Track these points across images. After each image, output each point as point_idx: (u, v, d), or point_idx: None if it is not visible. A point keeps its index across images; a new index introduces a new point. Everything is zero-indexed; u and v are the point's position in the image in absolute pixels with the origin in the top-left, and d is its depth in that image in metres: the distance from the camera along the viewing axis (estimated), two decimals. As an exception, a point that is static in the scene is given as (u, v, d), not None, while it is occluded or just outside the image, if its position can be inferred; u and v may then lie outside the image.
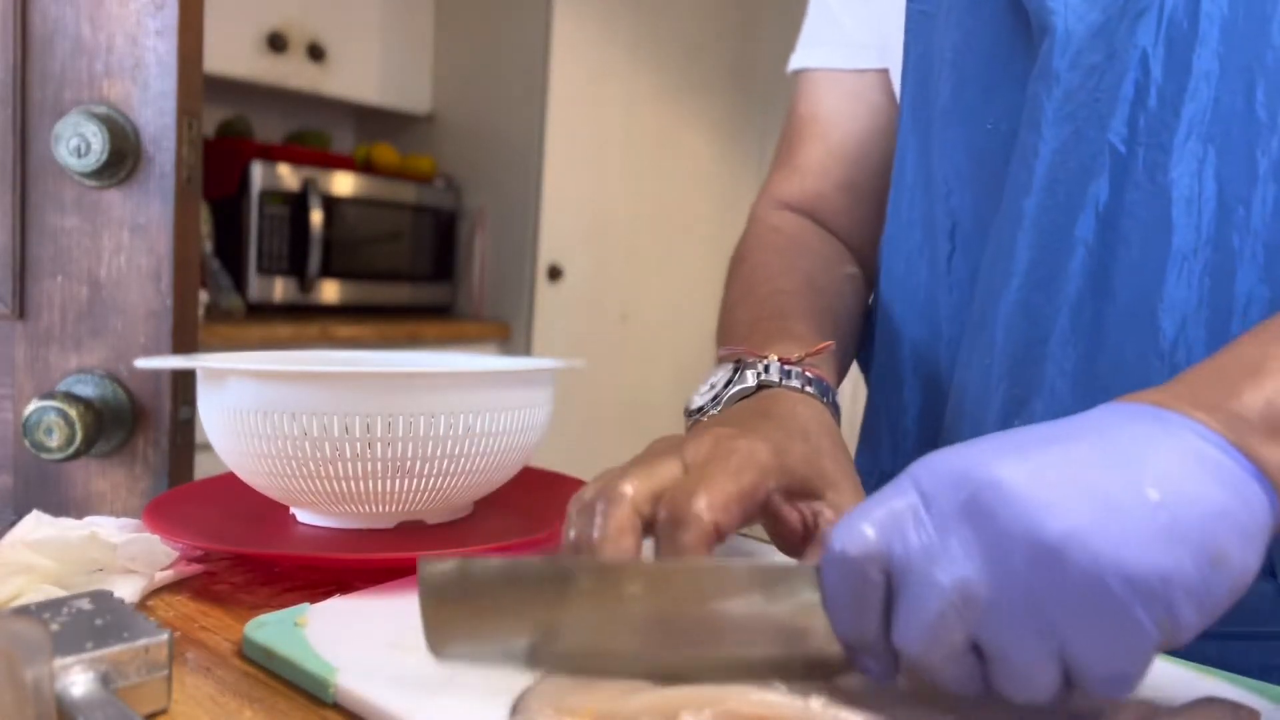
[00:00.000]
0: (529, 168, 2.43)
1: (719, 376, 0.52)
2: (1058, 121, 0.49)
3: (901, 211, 0.61)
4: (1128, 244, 0.48)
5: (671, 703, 0.34)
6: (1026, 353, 0.51)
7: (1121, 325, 0.48)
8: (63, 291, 0.61)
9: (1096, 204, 0.48)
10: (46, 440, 0.57)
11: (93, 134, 0.58)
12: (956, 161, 0.56)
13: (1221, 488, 0.30)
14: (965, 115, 0.55)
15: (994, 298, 0.52)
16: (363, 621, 0.42)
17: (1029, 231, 0.50)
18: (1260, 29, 0.45)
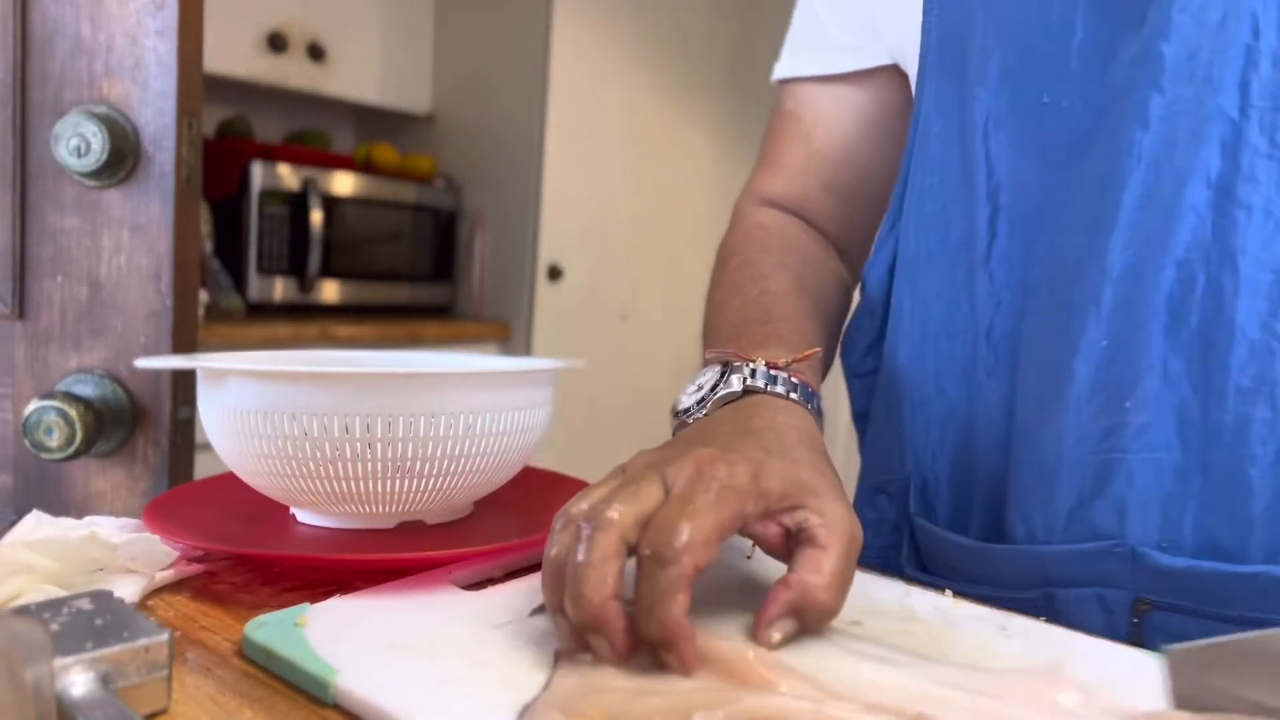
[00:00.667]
0: (529, 168, 2.43)
1: (706, 378, 0.52)
2: (1176, 83, 0.47)
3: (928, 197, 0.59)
4: (1249, 210, 0.46)
5: (683, 704, 0.34)
6: (1130, 334, 0.49)
7: (1241, 296, 0.47)
8: (63, 291, 0.61)
9: (1208, 172, 0.47)
10: (46, 440, 0.57)
11: (93, 134, 0.58)
12: (1013, 141, 0.54)
13: None
14: (1027, 92, 0.53)
15: (1080, 275, 0.50)
16: (363, 621, 0.43)
17: (1136, 198, 0.48)
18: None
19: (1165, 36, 0.46)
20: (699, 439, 0.45)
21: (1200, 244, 0.47)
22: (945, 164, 0.58)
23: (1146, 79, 0.47)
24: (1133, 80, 0.48)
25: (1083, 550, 0.52)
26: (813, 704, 0.34)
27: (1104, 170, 0.49)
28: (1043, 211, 0.53)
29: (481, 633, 0.42)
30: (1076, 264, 0.51)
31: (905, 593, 0.50)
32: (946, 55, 0.57)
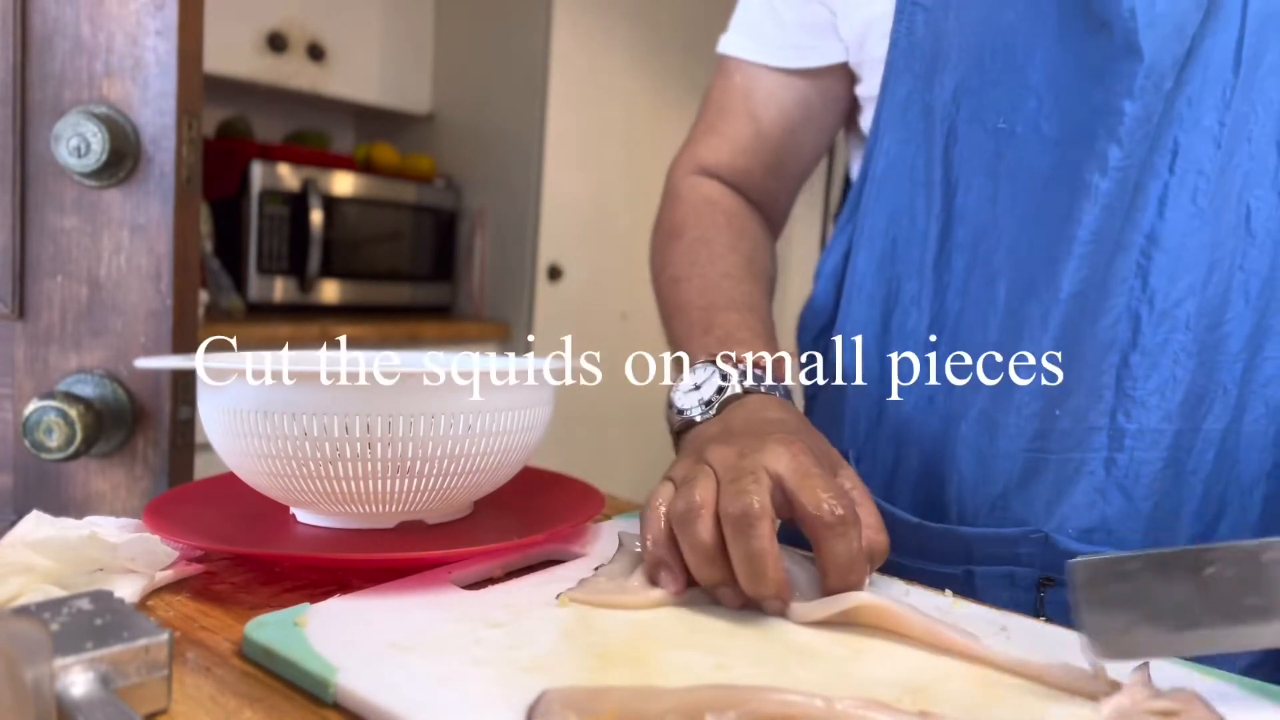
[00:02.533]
0: (529, 168, 2.43)
1: (701, 377, 0.57)
2: (1133, 139, 0.53)
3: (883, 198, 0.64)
4: (1165, 253, 0.55)
5: (694, 704, 0.34)
6: (1070, 350, 0.56)
7: (1159, 321, 0.55)
8: (63, 291, 0.61)
9: (1146, 219, 0.54)
10: (46, 440, 0.57)
11: (92, 134, 0.58)
12: (970, 156, 0.59)
13: None
14: (984, 114, 0.58)
15: (1032, 294, 0.57)
16: (363, 621, 0.43)
17: (1089, 233, 0.55)
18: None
19: (1130, 95, 0.53)
20: (748, 430, 0.51)
21: (1130, 279, 0.55)
22: (905, 167, 0.63)
23: (1107, 131, 0.53)
24: (1094, 129, 0.54)
25: (1004, 534, 0.59)
26: (823, 702, 0.34)
27: (1061, 204, 0.55)
28: (995, 225, 0.58)
29: (481, 633, 0.42)
30: (1030, 283, 0.57)
31: (905, 592, 0.50)
32: (914, 66, 0.61)
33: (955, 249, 0.60)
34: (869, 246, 0.65)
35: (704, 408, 0.55)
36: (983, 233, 0.59)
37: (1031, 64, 0.56)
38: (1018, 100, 0.56)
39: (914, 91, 0.61)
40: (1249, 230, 0.54)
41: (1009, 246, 0.58)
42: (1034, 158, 0.56)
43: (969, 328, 0.60)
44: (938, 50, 0.60)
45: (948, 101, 0.59)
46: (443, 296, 2.61)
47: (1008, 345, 0.58)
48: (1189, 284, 0.54)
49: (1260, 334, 0.55)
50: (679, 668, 0.39)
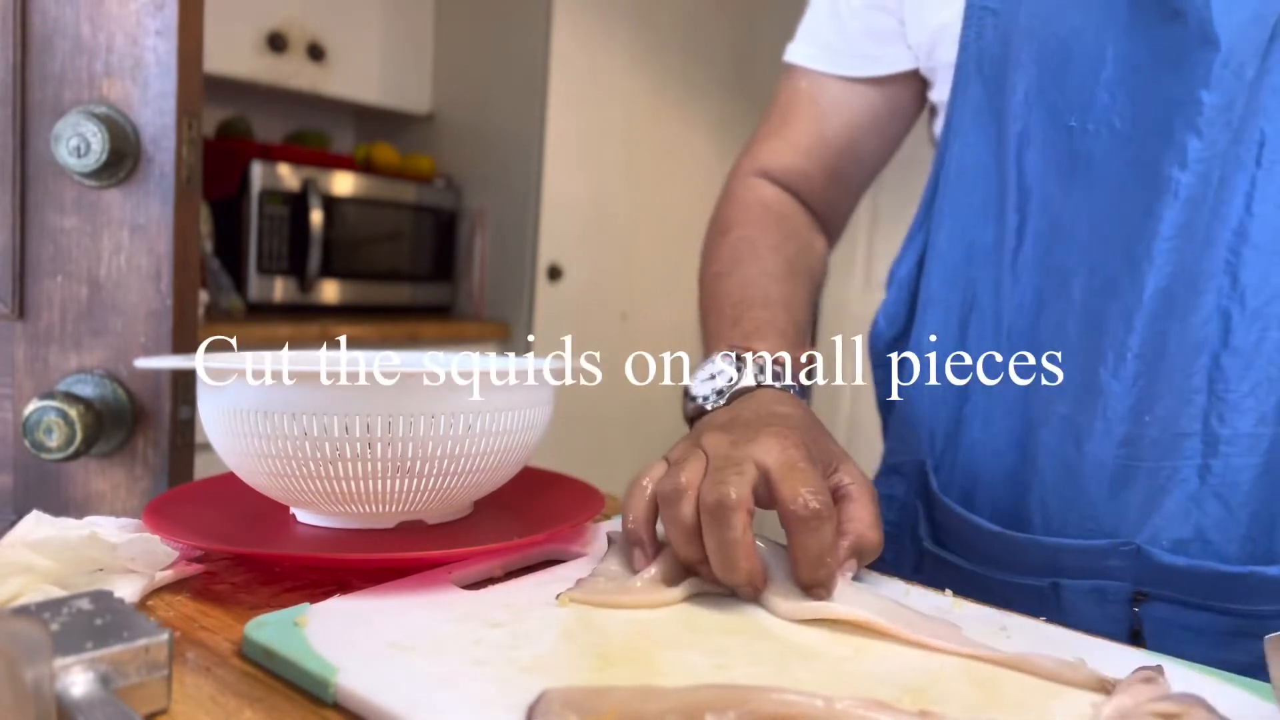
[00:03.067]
0: (529, 168, 2.43)
1: (719, 369, 0.58)
2: (1213, 129, 0.52)
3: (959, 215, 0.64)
4: (1256, 249, 0.53)
5: (694, 704, 0.34)
6: (1156, 353, 0.54)
7: (1251, 320, 0.54)
8: (63, 291, 0.61)
9: (1233, 214, 0.53)
10: (46, 440, 0.57)
11: (92, 134, 0.58)
12: (1042, 157, 0.58)
13: None
14: (1056, 114, 0.57)
15: (1115, 294, 0.55)
16: (363, 621, 0.43)
17: (1173, 229, 0.53)
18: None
19: (1207, 85, 0.51)
20: (754, 422, 0.51)
21: (1219, 276, 0.53)
22: (978, 172, 0.62)
23: (1185, 122, 0.51)
24: (1170, 121, 0.52)
25: (1093, 546, 0.57)
26: (823, 701, 0.34)
27: (1140, 201, 0.53)
28: (1069, 226, 0.57)
29: (481, 633, 0.42)
30: (1111, 283, 0.55)
31: (905, 592, 0.50)
32: (985, 70, 0.61)
33: (1031, 252, 0.59)
34: (944, 253, 0.64)
35: (716, 397, 0.57)
36: (1057, 234, 0.58)
37: (1102, 59, 0.54)
38: (1089, 97, 0.55)
39: (985, 96, 0.61)
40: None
41: (1083, 246, 0.56)
42: (1108, 154, 0.55)
43: (1048, 331, 0.59)
44: (1007, 54, 0.59)
45: (1019, 103, 0.58)
46: (443, 296, 2.61)
47: (1089, 348, 0.56)
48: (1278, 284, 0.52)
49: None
50: (679, 668, 0.39)
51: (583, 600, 0.46)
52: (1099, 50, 0.55)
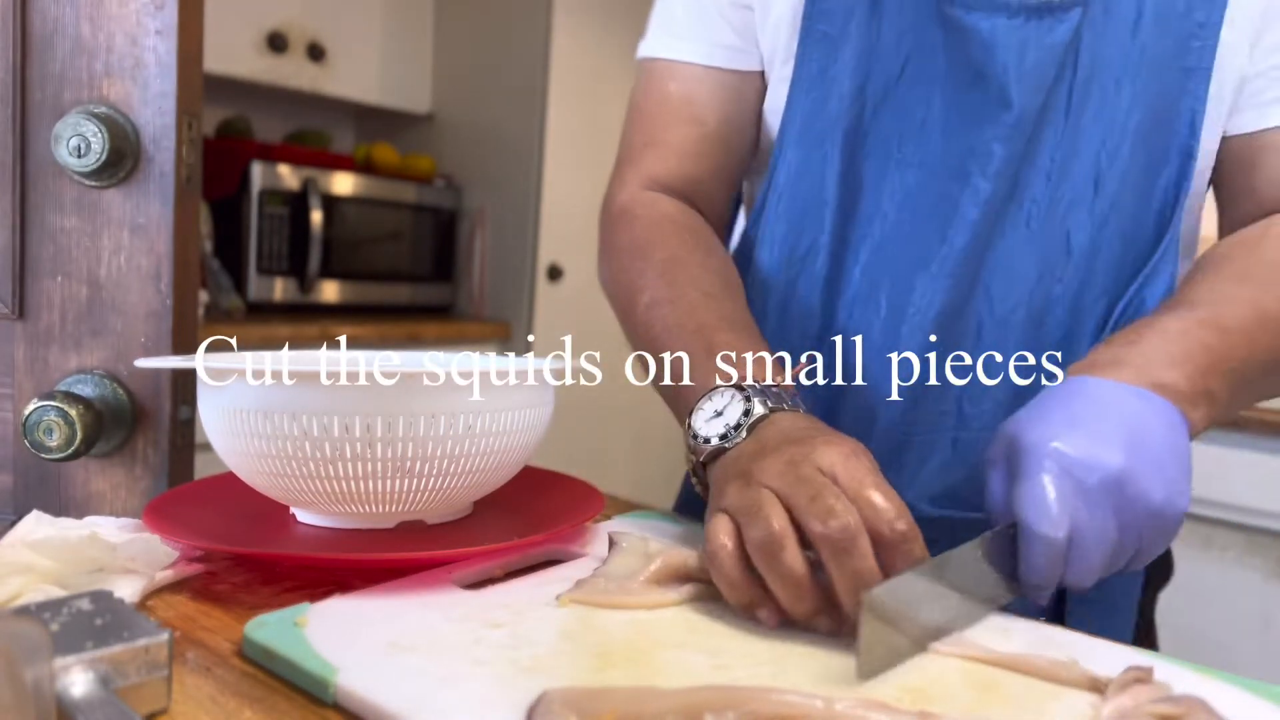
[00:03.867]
0: (529, 168, 2.43)
1: (724, 402, 0.53)
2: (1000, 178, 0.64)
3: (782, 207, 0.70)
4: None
5: (694, 704, 0.34)
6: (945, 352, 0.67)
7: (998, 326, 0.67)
8: (63, 291, 0.61)
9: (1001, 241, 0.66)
10: (46, 440, 0.57)
11: (92, 134, 0.57)
12: (875, 184, 0.68)
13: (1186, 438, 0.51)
14: (888, 143, 0.67)
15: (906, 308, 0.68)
16: (363, 621, 0.43)
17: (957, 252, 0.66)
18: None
19: (999, 140, 0.64)
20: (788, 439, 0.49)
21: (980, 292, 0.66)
22: (806, 183, 0.69)
23: (979, 169, 0.64)
24: (968, 168, 0.65)
25: None
26: (823, 702, 0.34)
27: (939, 228, 0.66)
28: (884, 243, 0.67)
29: (481, 633, 0.42)
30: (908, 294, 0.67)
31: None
32: (814, 91, 0.68)
33: (850, 263, 0.68)
34: (770, 250, 0.70)
35: (734, 432, 0.52)
36: (874, 249, 0.68)
37: (929, 105, 0.65)
38: (912, 134, 0.66)
39: (815, 112, 0.68)
40: (1068, 249, 0.65)
41: (893, 258, 0.67)
42: (921, 185, 0.66)
43: (855, 327, 0.68)
44: (837, 77, 0.67)
45: (848, 126, 0.67)
46: (443, 296, 2.61)
47: (887, 344, 0.67)
48: (1019, 294, 0.66)
49: (1071, 336, 0.66)
50: (679, 668, 0.39)
51: (583, 600, 0.46)
52: (928, 97, 0.65)
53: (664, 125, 0.73)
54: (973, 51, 0.63)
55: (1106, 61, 0.63)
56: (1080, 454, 0.48)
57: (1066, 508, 0.47)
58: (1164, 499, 0.48)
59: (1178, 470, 0.49)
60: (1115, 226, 0.65)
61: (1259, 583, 1.70)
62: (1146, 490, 0.48)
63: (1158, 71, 0.63)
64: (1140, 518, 0.48)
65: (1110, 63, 0.63)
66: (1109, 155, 0.64)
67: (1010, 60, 0.62)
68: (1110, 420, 0.49)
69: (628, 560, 0.50)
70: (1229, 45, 0.63)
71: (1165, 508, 0.49)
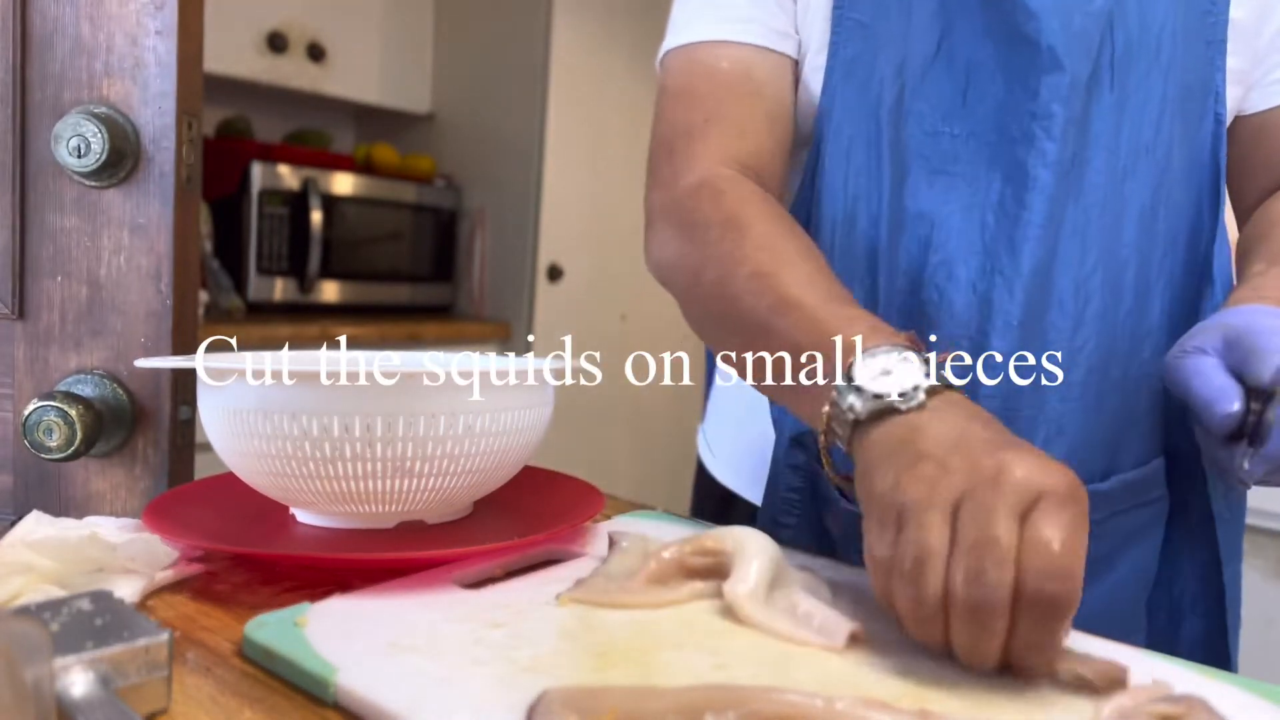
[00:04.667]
0: (529, 168, 2.43)
1: (889, 363, 0.48)
2: (1065, 138, 0.63)
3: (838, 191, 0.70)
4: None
5: (694, 704, 0.34)
6: (1032, 328, 0.65)
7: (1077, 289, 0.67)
8: (63, 291, 0.61)
9: (1079, 204, 0.65)
10: (46, 440, 0.57)
11: (92, 134, 0.57)
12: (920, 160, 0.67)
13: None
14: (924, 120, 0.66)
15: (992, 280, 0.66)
16: (363, 621, 0.43)
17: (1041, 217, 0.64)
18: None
19: (1060, 100, 0.63)
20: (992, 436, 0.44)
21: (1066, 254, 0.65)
22: (856, 163, 0.68)
23: (1043, 130, 0.63)
24: (1032, 129, 0.64)
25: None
26: (823, 701, 0.34)
27: (1010, 194, 0.64)
28: (943, 217, 0.66)
29: (481, 632, 0.42)
30: (992, 264, 0.65)
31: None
32: (854, 76, 0.68)
33: (907, 235, 0.67)
34: (825, 238, 0.69)
35: (911, 392, 0.46)
36: (930, 221, 0.66)
37: (969, 76, 0.65)
38: (956, 108, 0.65)
39: (853, 99, 0.68)
40: (1128, 214, 0.66)
41: (959, 232, 0.66)
42: (973, 156, 0.65)
43: (932, 307, 0.66)
44: (873, 61, 0.67)
45: (892, 106, 0.66)
46: (443, 296, 2.60)
47: (976, 323, 0.65)
48: (1094, 260, 0.66)
49: (1142, 299, 0.67)
50: (679, 668, 0.39)
51: (583, 600, 0.46)
52: (969, 68, 0.65)
53: (723, 101, 0.70)
54: (1016, 18, 0.64)
55: (1142, 34, 0.65)
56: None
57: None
58: None
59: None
60: (1168, 190, 0.67)
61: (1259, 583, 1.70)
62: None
63: (1186, 43, 0.66)
64: None
65: (1146, 35, 0.65)
66: (1152, 124, 0.66)
67: (1057, 25, 0.63)
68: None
69: (628, 560, 0.50)
70: (1239, 24, 0.66)
71: None
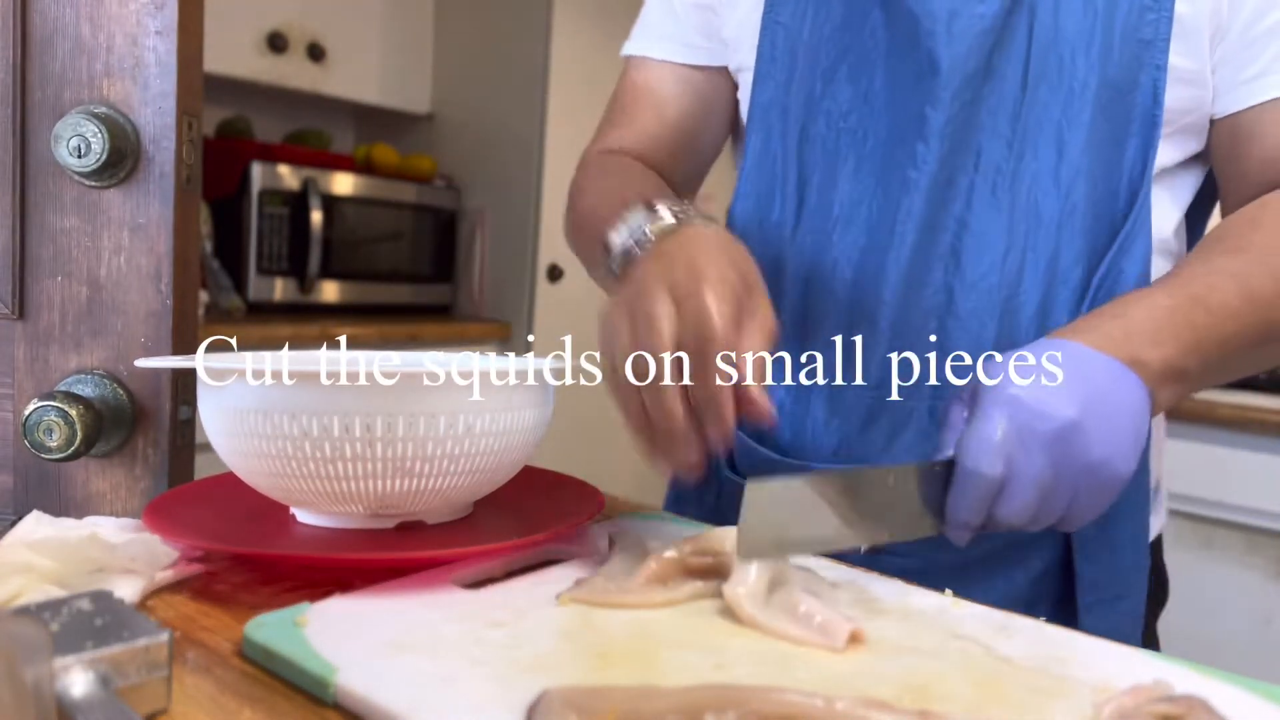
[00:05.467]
0: (529, 168, 2.43)
1: (634, 217, 0.58)
2: (943, 139, 0.66)
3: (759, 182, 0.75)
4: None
5: (694, 704, 0.34)
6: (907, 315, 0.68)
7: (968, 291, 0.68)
8: (63, 291, 0.61)
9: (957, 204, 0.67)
10: (46, 440, 0.57)
11: (92, 134, 0.57)
12: (825, 157, 0.71)
13: (1147, 414, 0.53)
14: (832, 116, 0.70)
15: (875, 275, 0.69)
16: (363, 621, 0.43)
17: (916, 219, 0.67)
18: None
19: (934, 105, 0.65)
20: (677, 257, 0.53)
21: (945, 257, 0.67)
22: (769, 159, 0.73)
23: (917, 134, 0.66)
24: (909, 133, 0.66)
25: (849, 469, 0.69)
26: (823, 701, 0.34)
27: (891, 195, 0.67)
28: (836, 210, 0.70)
29: (481, 632, 0.42)
30: (870, 259, 0.68)
31: (905, 592, 0.50)
32: (774, 74, 0.73)
33: (806, 230, 0.71)
34: (743, 230, 0.74)
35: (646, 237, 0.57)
36: (827, 216, 0.70)
37: (871, 76, 0.68)
38: (858, 107, 0.69)
39: (774, 96, 0.73)
40: (1037, 216, 0.66)
41: (845, 225, 0.69)
42: (870, 154, 0.68)
43: (816, 297, 0.70)
44: (793, 61, 0.72)
45: (800, 105, 0.71)
46: (443, 296, 2.60)
47: (851, 322, 0.69)
48: (990, 261, 0.66)
49: (1048, 303, 0.66)
50: (679, 668, 0.39)
51: (583, 600, 0.46)
52: (870, 69, 0.68)
53: (626, 112, 0.83)
54: (904, 22, 0.66)
55: (1060, 33, 0.65)
56: (1034, 401, 0.50)
57: (1006, 448, 0.49)
58: (1104, 456, 0.50)
59: (1129, 438, 0.51)
60: (1084, 194, 0.66)
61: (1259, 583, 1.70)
62: (1088, 446, 0.50)
63: (1113, 43, 0.65)
64: (1078, 472, 0.50)
65: (1064, 34, 0.65)
66: (1069, 123, 0.65)
67: (938, 28, 0.65)
68: (1075, 378, 0.51)
69: (627, 560, 0.50)
70: (1185, 19, 0.64)
71: (1107, 464, 0.51)
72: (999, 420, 0.50)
